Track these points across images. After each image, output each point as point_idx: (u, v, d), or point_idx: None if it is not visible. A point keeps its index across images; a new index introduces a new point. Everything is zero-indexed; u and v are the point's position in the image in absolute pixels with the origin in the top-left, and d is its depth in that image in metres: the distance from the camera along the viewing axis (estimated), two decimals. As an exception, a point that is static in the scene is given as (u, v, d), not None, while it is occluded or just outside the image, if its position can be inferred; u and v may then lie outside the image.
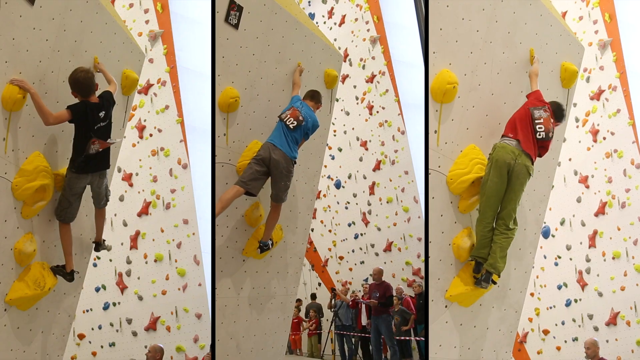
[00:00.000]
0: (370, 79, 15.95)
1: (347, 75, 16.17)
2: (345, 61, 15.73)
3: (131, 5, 12.55)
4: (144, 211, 11.97)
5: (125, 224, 12.00)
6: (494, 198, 6.60)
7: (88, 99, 6.50)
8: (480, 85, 6.86)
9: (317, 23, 16.60)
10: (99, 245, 7.46)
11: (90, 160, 6.61)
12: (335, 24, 17.28)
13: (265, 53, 7.84)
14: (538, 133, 6.67)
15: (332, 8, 17.52)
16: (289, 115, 7.63)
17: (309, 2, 18.25)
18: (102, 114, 6.56)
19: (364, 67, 16.14)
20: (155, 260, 11.73)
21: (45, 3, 6.48)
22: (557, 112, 6.93)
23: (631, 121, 11.32)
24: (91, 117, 6.49)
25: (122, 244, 12.04)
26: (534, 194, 7.32)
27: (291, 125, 7.58)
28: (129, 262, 12.03)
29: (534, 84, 6.90)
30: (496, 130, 6.94)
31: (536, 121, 6.66)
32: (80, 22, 6.93)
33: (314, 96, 8.00)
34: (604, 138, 11.63)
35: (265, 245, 7.82)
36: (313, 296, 16.67)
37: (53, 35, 6.64)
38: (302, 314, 16.00)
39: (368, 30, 16.15)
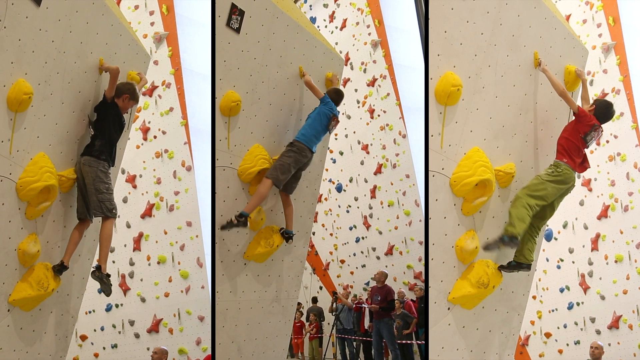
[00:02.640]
0: (372, 83, 15.99)
1: (349, 79, 16.22)
2: (346, 65, 15.77)
3: (136, 7, 12.56)
4: (148, 213, 11.97)
5: (128, 226, 11.99)
6: (545, 202, 6.86)
7: None
8: (485, 87, 6.86)
9: (318, 27, 16.63)
10: (98, 270, 6.92)
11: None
12: (336, 27, 17.33)
13: (267, 57, 7.85)
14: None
15: (334, 12, 17.57)
16: (334, 126, 8.05)
17: (310, 6, 18.31)
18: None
19: (365, 70, 16.18)
20: (158, 263, 11.72)
21: (52, 4, 6.51)
22: (604, 114, 7.06)
23: (634, 124, 11.33)
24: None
25: (125, 245, 12.04)
26: (537, 197, 7.32)
27: (331, 131, 8.12)
28: (131, 263, 12.01)
29: (572, 103, 6.98)
30: (500, 133, 6.95)
31: (588, 145, 6.98)
32: (86, 23, 6.95)
33: (337, 100, 8.24)
34: (607, 141, 11.64)
35: (292, 234, 8.09)
36: (314, 300, 16.67)
37: (59, 37, 6.66)
38: (303, 318, 16.01)
39: (369, 34, 16.20)
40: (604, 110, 7.06)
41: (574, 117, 6.99)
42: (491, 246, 6.79)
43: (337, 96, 8.21)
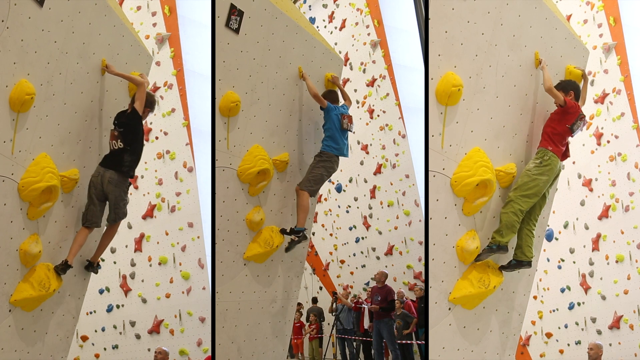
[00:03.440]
0: (371, 83, 16.00)
1: (348, 79, 16.22)
2: (345, 65, 15.77)
3: (139, 8, 12.57)
4: (149, 214, 11.98)
5: (130, 227, 11.98)
6: (538, 197, 6.88)
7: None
8: (485, 88, 6.84)
9: (317, 27, 16.64)
10: (91, 265, 7.40)
11: (108, 154, 7.05)
12: (335, 28, 17.33)
13: (266, 57, 7.85)
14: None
15: (333, 12, 17.57)
16: (348, 123, 8.18)
17: (310, 6, 18.31)
18: (115, 120, 7.06)
19: (364, 70, 16.19)
20: (160, 263, 11.72)
21: (54, 5, 6.53)
22: (579, 94, 7.18)
23: (635, 125, 11.34)
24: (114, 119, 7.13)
25: (126, 246, 12.04)
26: (538, 197, 7.32)
27: (351, 129, 8.28)
28: (133, 264, 12.02)
29: (557, 96, 6.94)
30: (501, 133, 6.94)
31: (574, 134, 7.03)
32: (88, 24, 6.98)
33: (334, 98, 8.33)
34: (608, 141, 11.67)
35: (303, 231, 8.12)
36: (314, 300, 16.67)
37: (61, 37, 6.68)
38: (303, 318, 16.00)
39: (368, 34, 16.21)
40: (579, 91, 7.15)
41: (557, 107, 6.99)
42: (482, 256, 6.82)
43: (331, 94, 8.30)
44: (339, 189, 16.87)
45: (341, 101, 8.62)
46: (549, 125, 6.97)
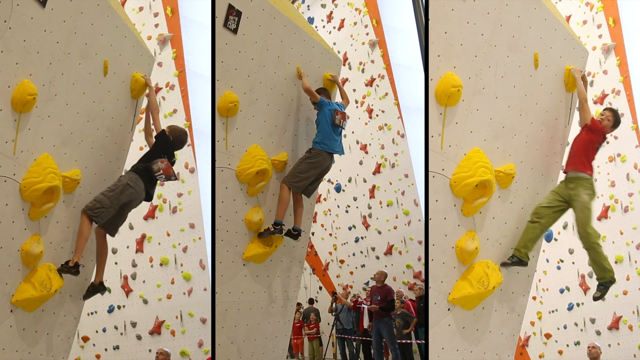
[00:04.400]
0: (370, 83, 16.02)
1: (347, 79, 16.24)
2: (344, 65, 15.80)
3: (141, 9, 12.57)
4: (151, 215, 11.98)
5: (131, 227, 11.98)
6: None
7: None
8: (485, 88, 6.84)
9: (316, 27, 16.68)
10: (102, 286, 7.53)
11: (150, 176, 7.19)
12: (334, 27, 17.35)
13: (264, 57, 7.83)
14: None
15: (331, 12, 17.59)
16: (341, 120, 8.09)
17: (308, 6, 18.32)
18: (172, 158, 7.46)
19: (363, 70, 16.21)
20: (161, 264, 11.73)
21: (57, 5, 6.52)
22: (617, 122, 7.38)
23: (634, 125, 11.36)
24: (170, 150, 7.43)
25: (127, 247, 12.04)
26: (537, 198, 7.33)
27: (343, 127, 8.17)
28: (134, 265, 12.02)
29: (588, 113, 7.13)
30: (500, 134, 6.95)
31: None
32: (91, 25, 6.98)
33: (327, 94, 8.33)
34: (607, 142, 11.62)
35: (300, 231, 8.13)
36: (310, 301, 16.66)
37: (64, 38, 6.68)
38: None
39: (367, 34, 16.23)
40: (617, 120, 7.34)
41: (582, 125, 7.10)
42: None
43: (324, 92, 8.30)
44: (338, 188, 16.88)
45: (338, 100, 8.63)
46: (582, 150, 7.22)
